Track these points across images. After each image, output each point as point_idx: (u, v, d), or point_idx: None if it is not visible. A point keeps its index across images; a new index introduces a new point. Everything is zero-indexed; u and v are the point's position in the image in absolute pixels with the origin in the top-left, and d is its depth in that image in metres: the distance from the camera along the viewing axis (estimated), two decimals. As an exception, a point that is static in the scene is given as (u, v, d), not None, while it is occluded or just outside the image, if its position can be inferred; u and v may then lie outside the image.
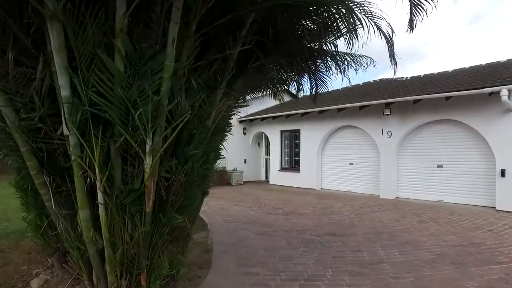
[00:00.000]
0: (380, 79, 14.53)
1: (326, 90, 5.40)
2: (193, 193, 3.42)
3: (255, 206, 8.79)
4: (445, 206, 8.65)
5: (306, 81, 5.18)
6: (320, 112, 11.86)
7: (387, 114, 9.91)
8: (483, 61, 11.22)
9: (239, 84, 4.17)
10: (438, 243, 5.32)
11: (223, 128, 4.33)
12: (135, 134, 2.55)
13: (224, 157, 6.70)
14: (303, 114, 12.60)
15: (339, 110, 11.25)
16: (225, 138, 4.71)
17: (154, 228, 2.85)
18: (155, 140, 2.62)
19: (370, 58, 5.12)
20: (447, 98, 8.34)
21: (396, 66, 4.26)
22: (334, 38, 4.48)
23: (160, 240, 2.92)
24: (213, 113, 3.39)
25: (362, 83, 14.73)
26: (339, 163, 12.22)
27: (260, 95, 6.76)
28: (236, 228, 6.17)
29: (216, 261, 4.18)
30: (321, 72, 5.02)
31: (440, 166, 9.33)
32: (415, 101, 9.07)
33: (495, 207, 8.00)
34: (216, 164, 4.71)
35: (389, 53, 4.19)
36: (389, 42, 4.07)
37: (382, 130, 10.46)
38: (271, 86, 5.79)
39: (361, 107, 10.50)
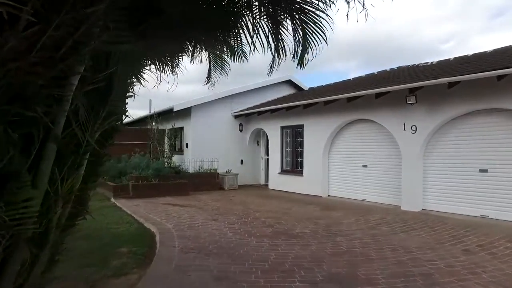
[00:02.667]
0: (398, 67, 12.29)
1: (322, 48, 3.26)
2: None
3: (239, 222, 6.76)
4: (496, 226, 6.44)
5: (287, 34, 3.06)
6: (327, 103, 9.74)
7: (411, 103, 7.72)
8: None
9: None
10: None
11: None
12: None
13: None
14: (306, 106, 10.50)
15: (350, 100, 9.10)
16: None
17: None
18: None
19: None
20: (500, 77, 6.10)
21: None
22: None
23: None
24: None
25: (377, 72, 12.57)
26: (350, 166, 10.07)
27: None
28: (191, 264, 4.15)
29: None
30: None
31: (484, 171, 7.10)
32: (451, 85, 6.87)
33: None
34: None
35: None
36: None
37: (404, 124, 8.28)
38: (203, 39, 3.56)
39: (378, 95, 8.34)
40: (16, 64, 1.28)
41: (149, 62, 3.43)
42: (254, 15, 2.99)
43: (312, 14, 2.80)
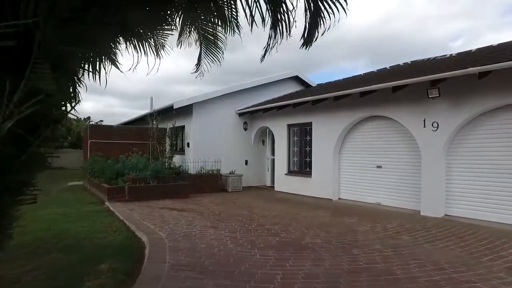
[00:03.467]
0: (412, 61, 11.44)
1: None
2: None
3: (241, 230, 6.05)
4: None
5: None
6: (337, 98, 8.98)
7: (433, 97, 6.93)
8: None
9: None
10: None
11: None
12: None
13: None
14: (314, 102, 9.76)
15: (363, 94, 8.33)
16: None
17: None
18: None
19: None
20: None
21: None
22: None
23: None
24: None
25: (390, 67, 11.73)
26: (363, 166, 9.30)
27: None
28: (181, 286, 3.44)
29: None
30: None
31: (518, 172, 6.30)
32: (481, 76, 6.07)
33: None
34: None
35: None
36: None
37: (424, 120, 7.50)
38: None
39: (395, 89, 7.56)
40: None
41: (124, 39, 2.74)
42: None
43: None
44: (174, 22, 2.82)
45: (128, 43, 2.88)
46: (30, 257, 4.24)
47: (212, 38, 3.16)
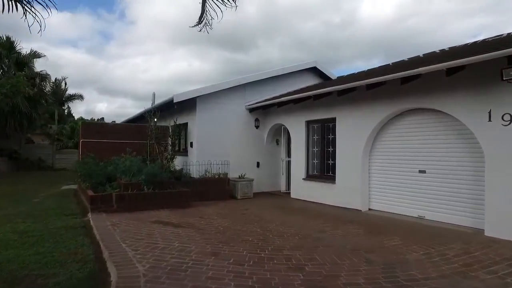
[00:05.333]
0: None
1: None
2: None
3: (252, 259, 4.44)
4: None
5: None
6: (371, 86, 7.30)
7: (510, 80, 5.20)
8: None
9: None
10: None
11: None
12: None
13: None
14: (341, 93, 8.09)
15: (405, 81, 6.64)
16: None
17: None
18: None
19: None
20: None
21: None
22: None
23: None
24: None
25: (423, 55, 9.89)
26: (400, 171, 7.59)
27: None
28: None
29: None
30: None
31: None
32: None
33: None
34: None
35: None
36: None
37: (489, 112, 5.76)
38: None
39: (450, 71, 5.84)
40: None
41: None
42: None
43: None
44: None
45: None
46: None
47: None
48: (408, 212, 7.36)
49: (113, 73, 79.02)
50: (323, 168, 9.50)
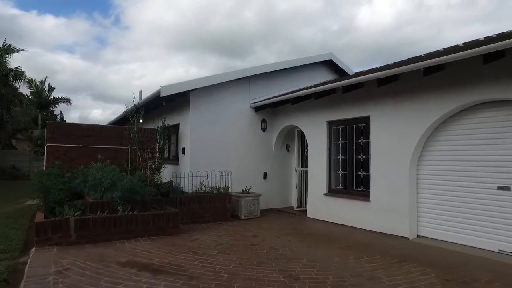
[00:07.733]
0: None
1: None
2: None
3: None
4: None
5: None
6: (428, 71, 5.32)
7: None
8: None
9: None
10: None
11: None
12: None
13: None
14: (381, 83, 6.12)
15: (487, 59, 4.66)
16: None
17: None
18: None
19: None
20: None
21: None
22: None
23: None
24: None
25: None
26: (468, 186, 5.58)
27: None
28: None
29: None
30: None
31: None
32: None
33: None
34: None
35: None
36: None
37: None
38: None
39: None
40: None
41: None
42: None
43: None
44: None
45: None
46: None
47: None
48: (480, 244, 5.33)
49: (107, 79, 77.22)
50: (352, 181, 7.45)
